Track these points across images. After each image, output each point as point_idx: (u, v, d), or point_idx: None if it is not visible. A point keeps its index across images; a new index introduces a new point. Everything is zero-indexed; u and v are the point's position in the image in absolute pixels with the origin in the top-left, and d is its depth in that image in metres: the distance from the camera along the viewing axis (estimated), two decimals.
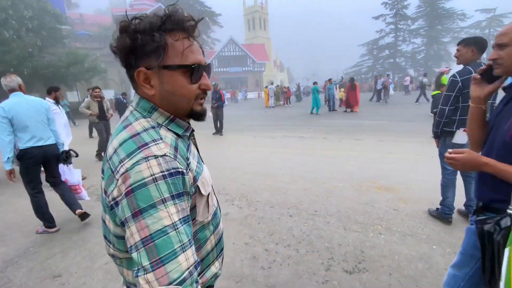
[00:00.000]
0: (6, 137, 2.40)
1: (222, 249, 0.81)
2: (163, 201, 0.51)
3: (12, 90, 2.55)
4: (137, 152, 0.53)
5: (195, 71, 0.61)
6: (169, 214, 0.51)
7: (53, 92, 4.06)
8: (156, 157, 0.53)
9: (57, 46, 19.13)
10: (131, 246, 0.51)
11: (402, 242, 2.31)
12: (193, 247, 0.54)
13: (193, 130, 0.71)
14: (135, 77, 0.60)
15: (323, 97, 15.23)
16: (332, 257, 2.16)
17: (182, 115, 0.65)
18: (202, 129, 9.02)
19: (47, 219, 2.74)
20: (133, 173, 0.51)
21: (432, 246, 2.22)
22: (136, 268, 0.50)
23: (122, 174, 0.52)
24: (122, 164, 0.53)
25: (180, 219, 0.52)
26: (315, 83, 12.95)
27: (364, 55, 44.61)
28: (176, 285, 0.48)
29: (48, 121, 2.72)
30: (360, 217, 2.77)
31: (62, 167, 2.97)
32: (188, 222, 0.55)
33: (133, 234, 0.50)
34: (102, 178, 0.61)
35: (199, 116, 0.67)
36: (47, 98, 3.98)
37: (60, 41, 20.20)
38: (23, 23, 14.76)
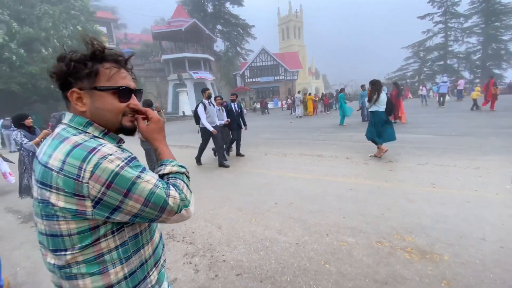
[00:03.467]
0: None
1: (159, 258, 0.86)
2: (138, 177, 0.66)
3: None
4: (90, 156, 0.62)
5: (122, 92, 0.75)
6: (147, 181, 0.67)
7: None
8: (110, 154, 0.64)
9: None
10: (135, 214, 0.66)
11: None
12: (174, 188, 0.72)
13: (123, 142, 0.83)
14: (68, 96, 0.72)
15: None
16: None
17: (113, 129, 0.76)
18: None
19: None
20: (100, 171, 0.61)
21: None
22: (153, 220, 0.70)
23: (90, 178, 0.61)
24: (83, 169, 0.61)
25: (156, 180, 0.69)
26: (341, 90, 11.56)
27: (409, 58, 40.82)
28: (179, 210, 0.71)
29: None
30: None
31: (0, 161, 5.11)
32: (162, 181, 0.72)
33: (134, 205, 0.65)
34: (57, 192, 0.63)
35: (129, 131, 0.79)
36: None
37: None
38: (63, 41, 16.11)
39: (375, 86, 5.30)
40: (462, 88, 18.87)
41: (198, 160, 6.14)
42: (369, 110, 5.45)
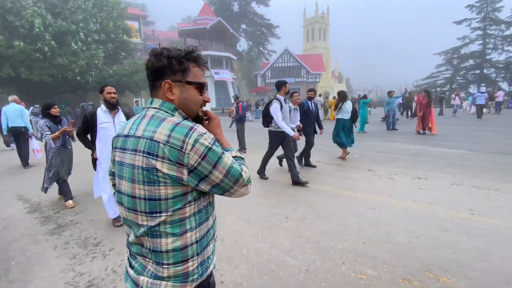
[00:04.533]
0: (3, 122, 6.37)
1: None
2: (223, 153, 0.81)
3: (10, 102, 6.50)
4: (191, 132, 0.77)
5: (203, 87, 0.92)
6: (228, 158, 0.82)
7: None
8: (205, 133, 0.79)
9: (123, 57, 21.38)
10: (216, 184, 0.81)
11: None
12: (243, 166, 0.89)
13: None
14: (161, 85, 0.86)
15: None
16: None
17: (190, 117, 0.92)
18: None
19: (24, 160, 6.35)
20: (199, 145, 0.76)
21: None
22: (225, 191, 0.85)
23: (191, 150, 0.76)
24: (185, 142, 0.76)
25: (232, 157, 0.87)
26: (364, 96, 11.06)
27: (441, 65, 38.51)
28: (247, 183, 0.87)
29: (21, 116, 6.39)
30: None
31: (32, 139, 6.39)
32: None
33: (218, 175, 0.80)
34: (162, 161, 0.76)
35: (200, 119, 0.95)
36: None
37: (130, 52, 22.57)
38: (90, 35, 16.58)
39: (341, 96, 6.03)
40: (501, 100, 17.38)
41: (261, 172, 4.83)
42: (336, 117, 6.21)
